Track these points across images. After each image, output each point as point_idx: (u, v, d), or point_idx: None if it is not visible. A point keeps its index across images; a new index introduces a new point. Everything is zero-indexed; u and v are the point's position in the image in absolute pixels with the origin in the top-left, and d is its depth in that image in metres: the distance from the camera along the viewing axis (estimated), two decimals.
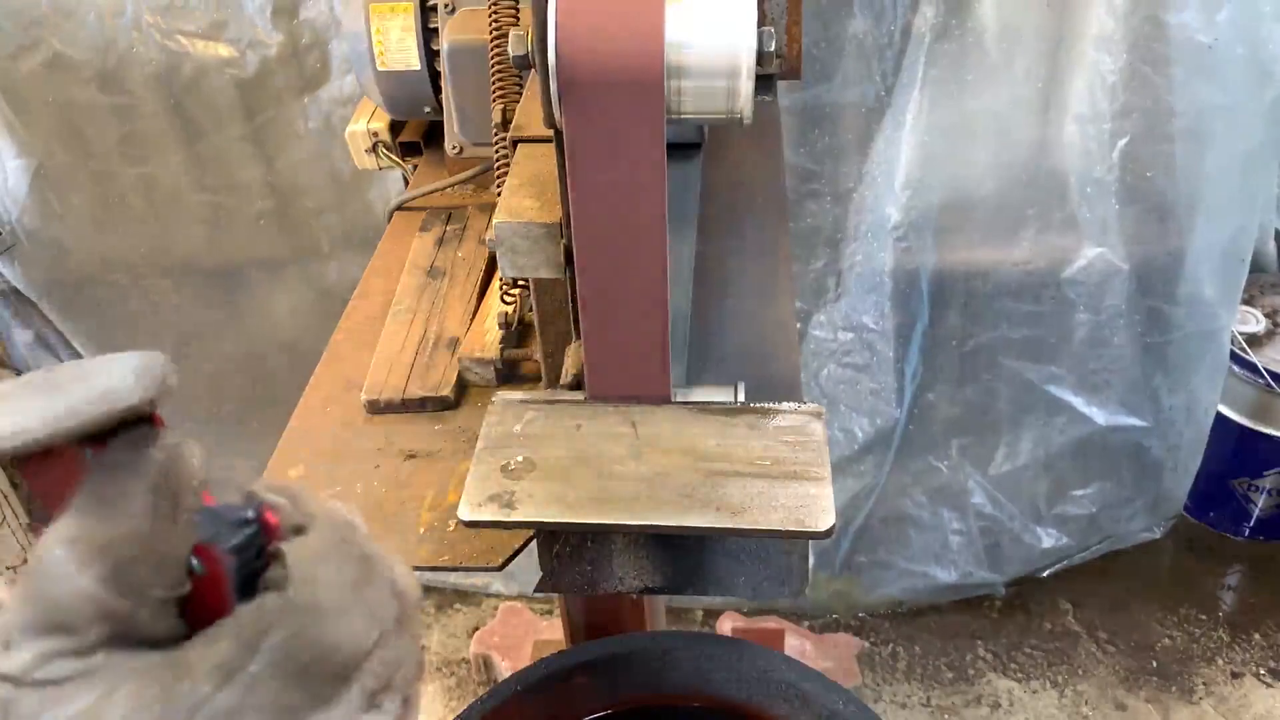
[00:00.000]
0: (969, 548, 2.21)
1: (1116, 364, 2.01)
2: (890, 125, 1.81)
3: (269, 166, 2.03)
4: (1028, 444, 2.12)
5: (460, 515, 0.78)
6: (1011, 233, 1.89)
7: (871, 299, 1.96)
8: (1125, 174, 1.80)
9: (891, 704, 2.18)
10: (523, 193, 0.85)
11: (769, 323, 1.09)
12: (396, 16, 1.33)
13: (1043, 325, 1.98)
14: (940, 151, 1.81)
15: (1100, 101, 1.74)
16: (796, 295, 1.92)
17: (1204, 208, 1.84)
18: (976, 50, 1.73)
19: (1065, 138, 1.79)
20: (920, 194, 1.85)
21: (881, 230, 1.89)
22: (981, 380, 2.06)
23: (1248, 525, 2.37)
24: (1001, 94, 1.77)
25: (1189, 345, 1.99)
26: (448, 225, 1.36)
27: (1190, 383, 2.04)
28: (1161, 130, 1.76)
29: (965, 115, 1.79)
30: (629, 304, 0.79)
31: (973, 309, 1.98)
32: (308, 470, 1.02)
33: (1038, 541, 2.22)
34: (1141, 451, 2.13)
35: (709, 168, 1.20)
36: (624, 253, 0.76)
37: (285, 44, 1.87)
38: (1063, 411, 2.07)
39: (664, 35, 0.66)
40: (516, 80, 1.04)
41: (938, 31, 1.71)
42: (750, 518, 0.76)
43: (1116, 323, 1.96)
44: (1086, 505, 2.20)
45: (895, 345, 2.00)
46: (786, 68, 1.49)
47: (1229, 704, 2.14)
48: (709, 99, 0.71)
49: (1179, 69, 1.70)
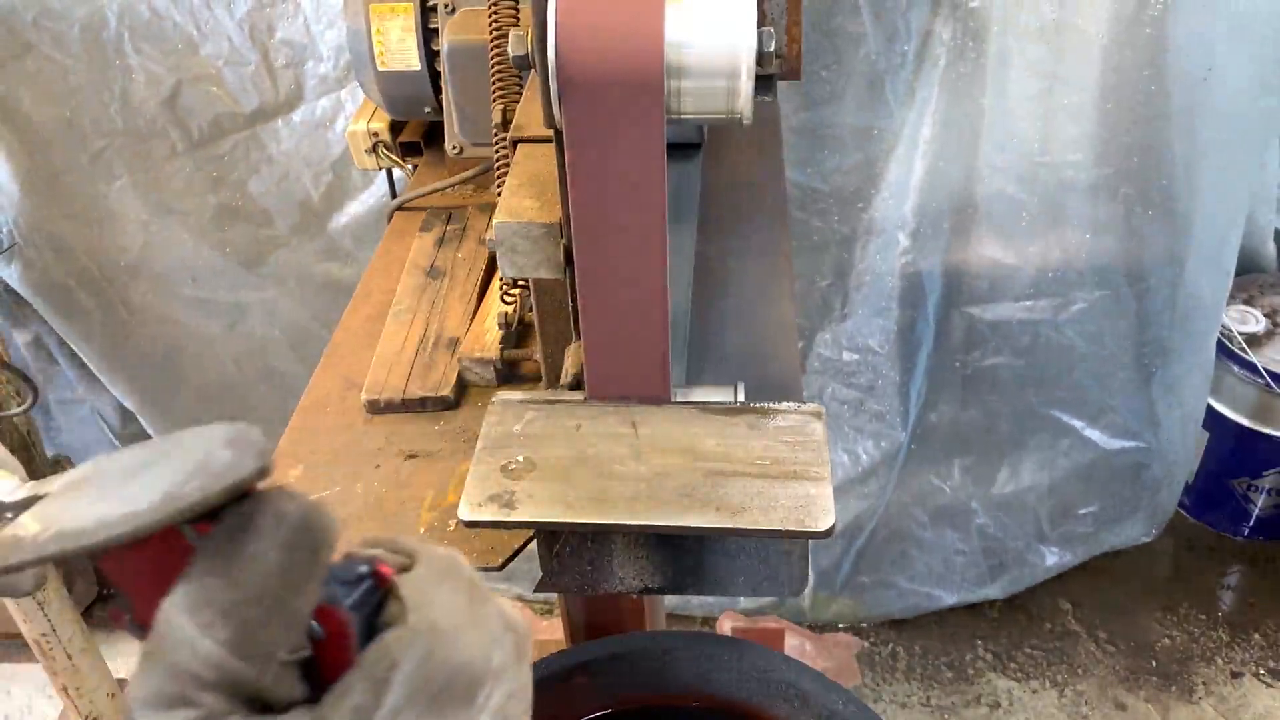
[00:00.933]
0: (972, 568, 2.21)
1: (1117, 388, 2.02)
2: (901, 147, 1.81)
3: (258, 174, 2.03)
4: (1030, 465, 2.12)
5: (460, 515, 0.78)
6: (1019, 259, 1.90)
7: (878, 322, 1.96)
8: (1130, 217, 1.82)
9: (891, 704, 2.18)
10: (523, 193, 0.85)
11: (769, 323, 1.09)
12: (397, 17, 1.33)
13: (1045, 352, 1.99)
14: (950, 172, 1.81)
15: (1102, 139, 1.75)
16: (795, 296, 1.91)
17: (1198, 221, 1.85)
18: (989, 72, 1.73)
19: (1071, 172, 1.79)
20: (929, 214, 1.85)
21: (889, 251, 1.89)
22: (985, 402, 2.06)
23: (1247, 525, 2.37)
24: (1011, 114, 1.77)
25: (1182, 360, 2.01)
26: (448, 225, 1.36)
27: (1183, 396, 2.05)
28: (1158, 146, 1.77)
29: (976, 136, 1.78)
30: (629, 304, 0.79)
31: (977, 332, 1.98)
32: (308, 470, 1.02)
33: (1040, 560, 2.22)
34: (1142, 470, 2.13)
35: (709, 168, 1.20)
36: (624, 253, 0.76)
37: (261, 63, 1.88)
38: (1066, 435, 2.08)
39: (664, 35, 0.66)
40: (517, 80, 1.04)
41: (953, 54, 1.70)
42: (750, 518, 0.76)
43: (1117, 347, 1.97)
44: (1089, 524, 2.20)
45: (900, 368, 2.00)
46: (786, 68, 1.49)
47: (1229, 704, 2.14)
48: (709, 99, 0.71)
49: (1176, 90, 1.70)
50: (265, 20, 1.84)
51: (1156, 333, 1.96)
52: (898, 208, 1.84)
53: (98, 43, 1.86)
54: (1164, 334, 1.96)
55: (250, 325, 2.21)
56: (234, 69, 1.89)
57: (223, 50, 1.87)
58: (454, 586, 0.45)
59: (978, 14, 1.68)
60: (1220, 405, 2.24)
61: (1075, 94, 1.73)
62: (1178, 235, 1.86)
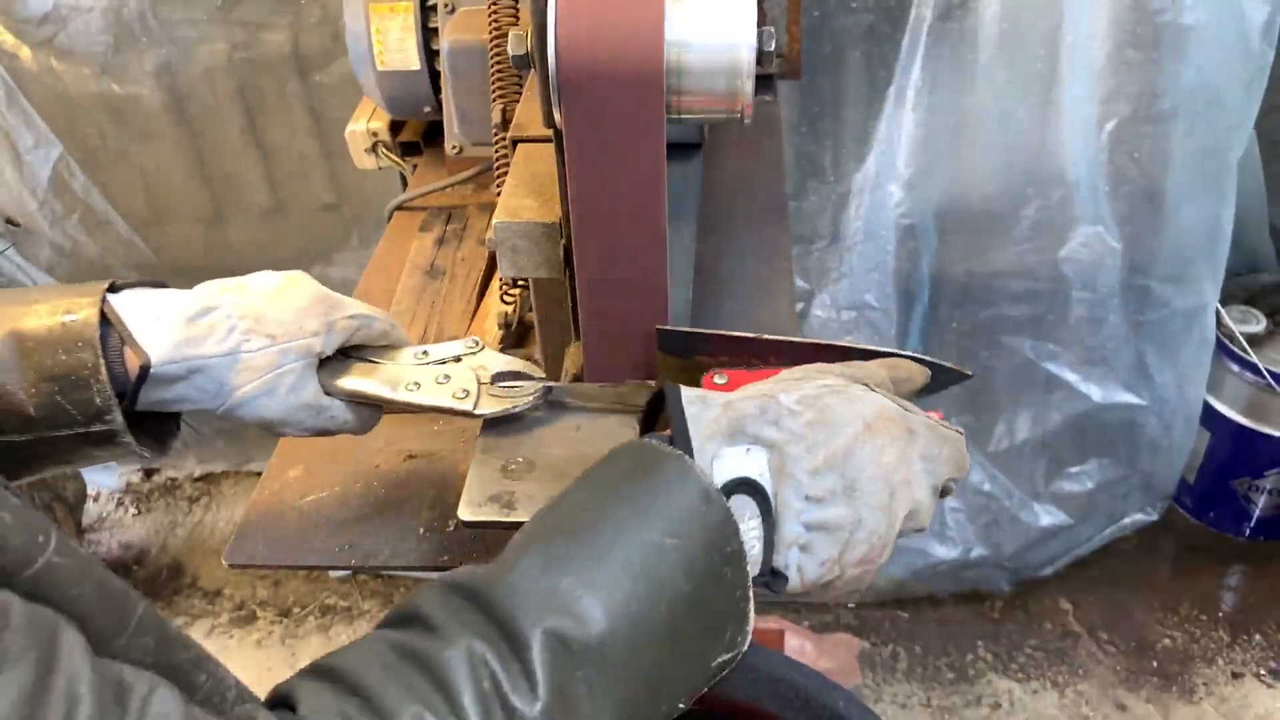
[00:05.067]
0: (968, 525, 2.21)
1: (1111, 341, 2.02)
2: (892, 105, 1.82)
3: (270, 161, 2.03)
4: (1025, 422, 2.12)
5: (460, 515, 0.78)
6: (1011, 212, 1.91)
7: (874, 277, 1.97)
8: (1114, 155, 1.81)
9: (891, 704, 2.18)
10: (522, 193, 0.85)
11: (768, 322, 1.09)
12: (396, 16, 1.33)
13: (1040, 303, 2.00)
14: (942, 131, 1.83)
15: (1089, 84, 1.76)
16: (795, 292, 1.92)
17: (1189, 186, 1.85)
18: (978, 31, 1.74)
19: (1060, 118, 1.80)
20: (922, 173, 1.86)
21: (884, 209, 1.90)
22: (980, 358, 2.06)
23: (1248, 525, 2.37)
24: (1001, 76, 1.78)
25: (1176, 322, 2.00)
26: (448, 225, 1.36)
27: (1179, 360, 2.05)
28: (1147, 112, 1.78)
29: (967, 96, 1.80)
30: (629, 304, 0.79)
31: (973, 287, 1.99)
32: (308, 470, 1.02)
33: (1035, 519, 2.21)
34: (1137, 429, 2.13)
35: (709, 167, 1.20)
36: (624, 253, 0.76)
37: (288, 36, 1.88)
38: (1059, 388, 2.08)
39: (664, 34, 0.66)
40: (516, 80, 1.04)
41: (940, 12, 1.72)
42: None
43: (1110, 301, 1.97)
44: (1084, 482, 2.20)
45: (897, 323, 2.01)
46: (786, 68, 1.50)
47: (1229, 704, 2.14)
48: (710, 99, 0.71)
49: (1162, 51, 1.71)
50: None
51: (1143, 282, 1.95)
52: (891, 162, 1.86)
53: (113, 26, 1.87)
54: (1153, 285, 1.95)
55: None
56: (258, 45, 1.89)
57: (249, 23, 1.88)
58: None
59: None
60: (1221, 405, 2.23)
61: (1073, 34, 1.74)
62: (1166, 177, 1.85)
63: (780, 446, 0.63)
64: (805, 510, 0.62)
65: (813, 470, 0.62)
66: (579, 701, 0.53)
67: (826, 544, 0.63)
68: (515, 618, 0.53)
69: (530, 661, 0.52)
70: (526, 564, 0.57)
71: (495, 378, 0.84)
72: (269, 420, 0.80)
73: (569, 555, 0.56)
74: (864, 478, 0.63)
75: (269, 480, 1.01)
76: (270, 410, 0.79)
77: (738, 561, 0.60)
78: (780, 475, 0.62)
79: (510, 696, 0.51)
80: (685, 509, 0.59)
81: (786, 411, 0.64)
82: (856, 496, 0.63)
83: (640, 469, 0.61)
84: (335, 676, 0.52)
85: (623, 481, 0.61)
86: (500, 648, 0.52)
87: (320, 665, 0.54)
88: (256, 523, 0.97)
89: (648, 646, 0.56)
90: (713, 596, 0.59)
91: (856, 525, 0.63)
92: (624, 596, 0.55)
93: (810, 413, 0.64)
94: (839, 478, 0.63)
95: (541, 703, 0.51)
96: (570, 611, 0.54)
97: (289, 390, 0.79)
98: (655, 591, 0.56)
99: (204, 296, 0.78)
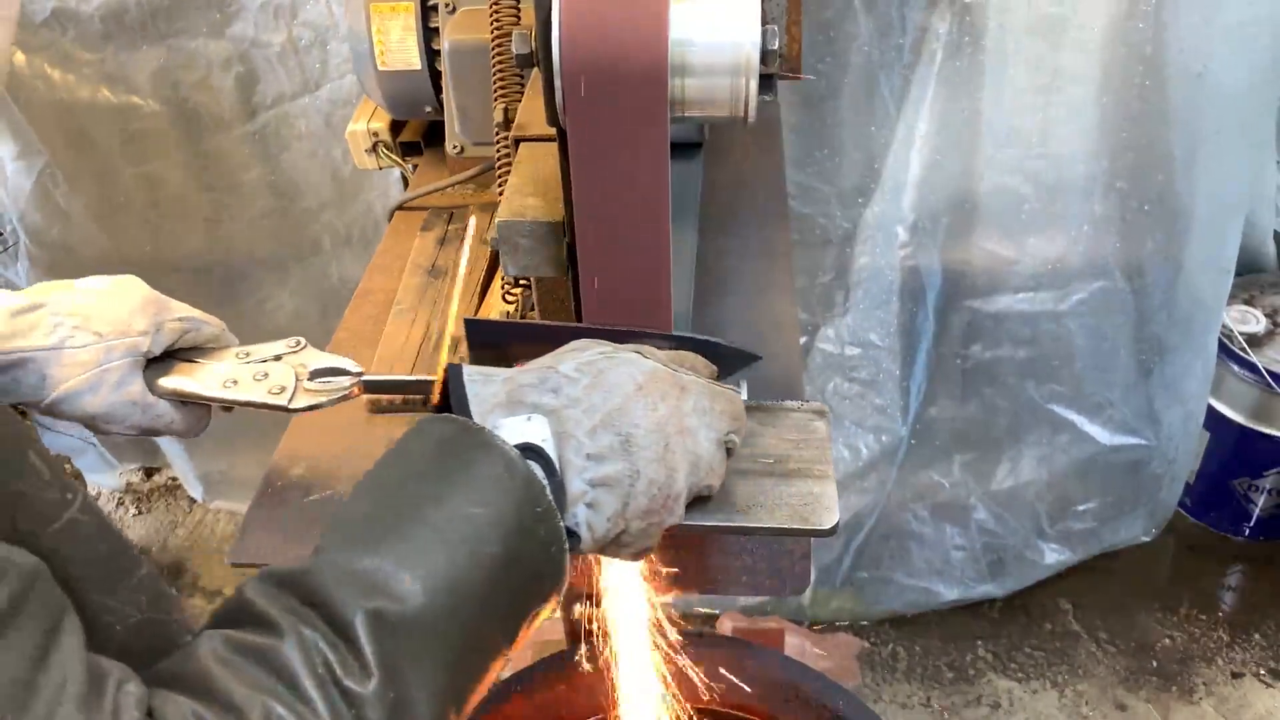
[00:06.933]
0: (971, 564, 2.21)
1: (1116, 383, 2.02)
2: (898, 141, 1.80)
3: (271, 165, 2.03)
4: (1030, 461, 2.12)
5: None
6: (1017, 251, 1.90)
7: (878, 315, 1.96)
8: (1125, 206, 1.81)
9: (891, 704, 2.18)
10: (525, 191, 0.85)
11: (769, 322, 1.09)
12: (397, 16, 1.33)
13: (1045, 345, 1.99)
14: (948, 167, 1.81)
15: (1096, 141, 1.75)
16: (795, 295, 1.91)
17: (1196, 219, 1.85)
18: (986, 67, 1.72)
19: (1068, 164, 1.79)
20: (928, 210, 1.84)
21: (889, 246, 1.89)
22: (984, 397, 2.06)
23: (1248, 525, 2.37)
24: (1008, 110, 1.76)
25: (1181, 357, 2.00)
26: (449, 225, 1.36)
27: (1184, 395, 2.05)
28: (1157, 142, 1.77)
29: (974, 132, 1.78)
30: (631, 303, 0.79)
31: (977, 326, 1.98)
32: (309, 470, 1.02)
33: (1040, 557, 2.22)
34: (1142, 467, 2.13)
35: (709, 167, 1.20)
36: (627, 252, 0.76)
37: (286, 44, 1.87)
38: (1065, 430, 2.07)
39: (669, 33, 0.66)
40: (518, 79, 1.04)
41: (950, 50, 1.70)
42: (755, 516, 0.76)
43: (1116, 343, 1.96)
44: (1088, 520, 2.20)
45: (901, 362, 2.00)
46: (787, 67, 1.49)
47: (1229, 704, 2.14)
48: (713, 98, 0.71)
49: (1172, 88, 1.70)
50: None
51: (1154, 329, 1.96)
52: (896, 203, 1.84)
53: (111, 32, 1.86)
54: (1161, 331, 1.96)
55: (254, 324, 2.21)
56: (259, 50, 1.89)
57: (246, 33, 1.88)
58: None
59: (974, 9, 1.68)
60: (1221, 405, 2.24)
61: (1072, 87, 1.73)
62: (1175, 232, 1.86)
63: (559, 411, 0.67)
64: (587, 468, 0.66)
65: (591, 430, 0.67)
66: (409, 672, 0.56)
67: (610, 499, 0.67)
68: (336, 602, 0.55)
69: (357, 642, 0.54)
70: (338, 549, 0.59)
71: (314, 374, 0.87)
72: (92, 415, 0.84)
73: (379, 536, 0.59)
74: (639, 432, 0.67)
75: (272, 479, 1.01)
76: (94, 406, 0.83)
77: (549, 519, 0.63)
78: (562, 437, 0.67)
79: (344, 680, 0.53)
80: (490, 476, 0.62)
81: (565, 379, 0.69)
82: (633, 450, 0.67)
83: (445, 445, 0.64)
84: (185, 684, 0.53)
85: (425, 457, 0.64)
86: (328, 634, 0.55)
87: (163, 674, 0.55)
88: (260, 522, 0.97)
89: (469, 611, 0.59)
90: (528, 554, 0.62)
91: (635, 477, 0.67)
92: (439, 567, 0.58)
93: (586, 378, 0.69)
94: (615, 435, 0.67)
95: (375, 679, 0.54)
96: (387, 591, 0.56)
97: (113, 387, 0.83)
98: (471, 559, 0.59)
99: (33, 294, 0.82)
